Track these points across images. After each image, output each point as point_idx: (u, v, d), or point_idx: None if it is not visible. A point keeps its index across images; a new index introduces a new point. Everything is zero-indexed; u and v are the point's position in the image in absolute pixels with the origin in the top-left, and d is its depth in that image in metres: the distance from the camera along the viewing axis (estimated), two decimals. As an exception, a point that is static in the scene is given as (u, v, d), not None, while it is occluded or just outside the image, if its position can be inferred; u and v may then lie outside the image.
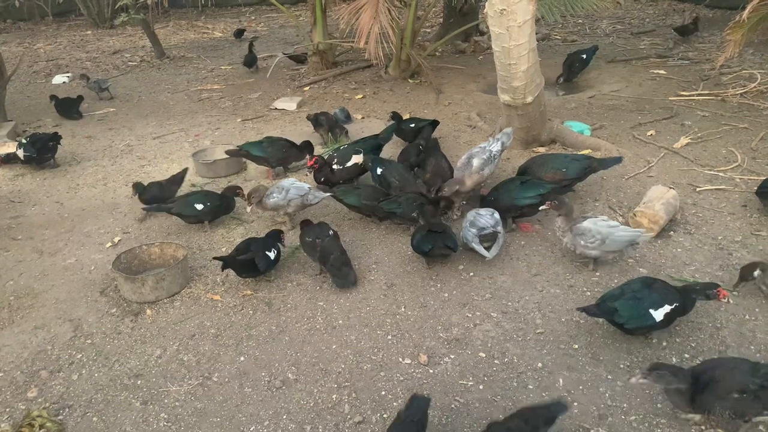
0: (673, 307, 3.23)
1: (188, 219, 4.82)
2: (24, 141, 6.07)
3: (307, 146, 5.68)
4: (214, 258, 4.01)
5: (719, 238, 4.28)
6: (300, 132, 6.73)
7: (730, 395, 2.64)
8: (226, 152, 5.69)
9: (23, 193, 5.74)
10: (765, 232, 4.29)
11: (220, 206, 4.81)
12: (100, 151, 6.72)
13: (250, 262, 3.90)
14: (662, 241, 4.28)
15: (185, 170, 5.31)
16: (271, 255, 4.01)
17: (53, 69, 10.61)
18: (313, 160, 5.16)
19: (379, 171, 4.98)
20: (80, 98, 8.00)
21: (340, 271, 3.97)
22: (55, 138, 6.28)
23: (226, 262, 3.93)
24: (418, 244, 4.03)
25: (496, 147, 4.94)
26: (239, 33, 12.19)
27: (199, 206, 4.71)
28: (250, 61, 9.70)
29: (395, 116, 6.27)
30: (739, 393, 2.63)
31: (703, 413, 2.74)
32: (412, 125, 6.09)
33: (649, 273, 3.93)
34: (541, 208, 4.14)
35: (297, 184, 4.71)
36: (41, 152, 6.13)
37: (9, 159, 6.17)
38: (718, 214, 4.57)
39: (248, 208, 4.70)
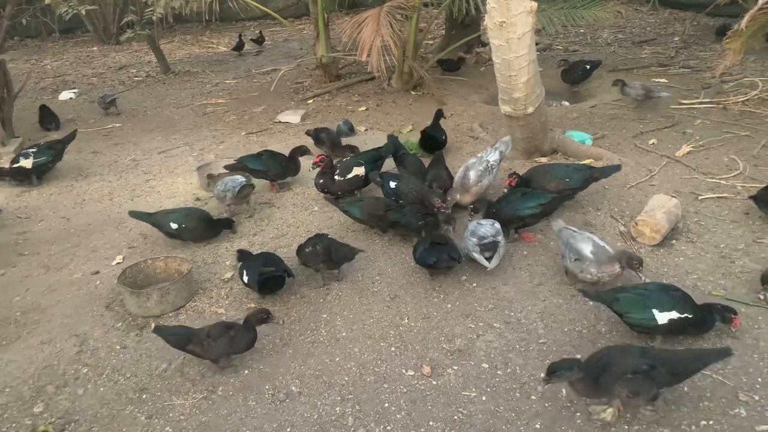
0: (682, 316, 3.24)
1: (165, 234, 4.79)
2: (31, 152, 6.11)
3: (299, 150, 5.73)
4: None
5: (722, 246, 4.28)
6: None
7: (625, 376, 2.79)
8: (225, 167, 5.70)
9: (30, 208, 5.80)
10: (767, 239, 4.29)
11: (197, 228, 4.69)
12: (105, 166, 6.78)
13: (279, 277, 3.93)
14: (664, 249, 4.29)
15: None
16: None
17: (60, 85, 10.73)
18: (319, 157, 5.19)
19: (392, 185, 4.94)
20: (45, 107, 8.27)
21: (342, 249, 4.12)
22: (72, 137, 6.55)
23: (265, 280, 3.87)
24: (421, 256, 4.04)
25: (493, 156, 4.95)
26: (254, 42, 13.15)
27: (174, 225, 4.66)
28: (239, 46, 12.17)
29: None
30: (632, 374, 2.79)
31: (607, 395, 2.89)
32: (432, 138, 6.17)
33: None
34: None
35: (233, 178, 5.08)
36: (56, 159, 6.25)
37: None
38: (721, 222, 4.57)
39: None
